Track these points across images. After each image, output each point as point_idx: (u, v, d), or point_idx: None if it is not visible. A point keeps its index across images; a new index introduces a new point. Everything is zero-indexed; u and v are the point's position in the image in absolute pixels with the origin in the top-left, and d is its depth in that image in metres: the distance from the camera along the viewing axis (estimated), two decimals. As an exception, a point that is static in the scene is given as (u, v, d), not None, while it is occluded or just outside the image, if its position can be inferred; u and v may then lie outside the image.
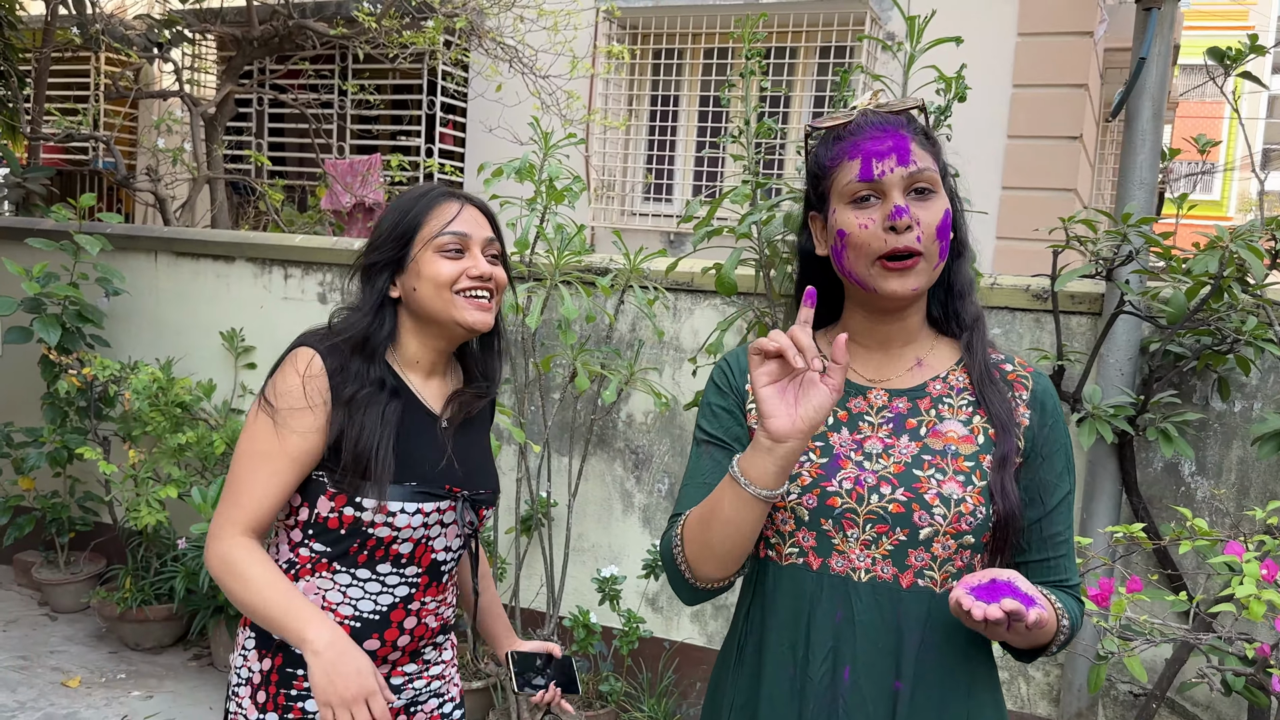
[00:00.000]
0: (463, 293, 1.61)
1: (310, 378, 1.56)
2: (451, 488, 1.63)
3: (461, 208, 1.65)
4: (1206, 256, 2.48)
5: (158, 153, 6.00)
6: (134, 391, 4.00)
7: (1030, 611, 1.14)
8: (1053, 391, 1.39)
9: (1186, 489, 2.95)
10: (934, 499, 1.29)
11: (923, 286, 1.32)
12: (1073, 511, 1.38)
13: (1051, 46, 5.86)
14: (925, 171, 1.29)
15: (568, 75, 5.36)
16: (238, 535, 1.55)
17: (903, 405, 1.37)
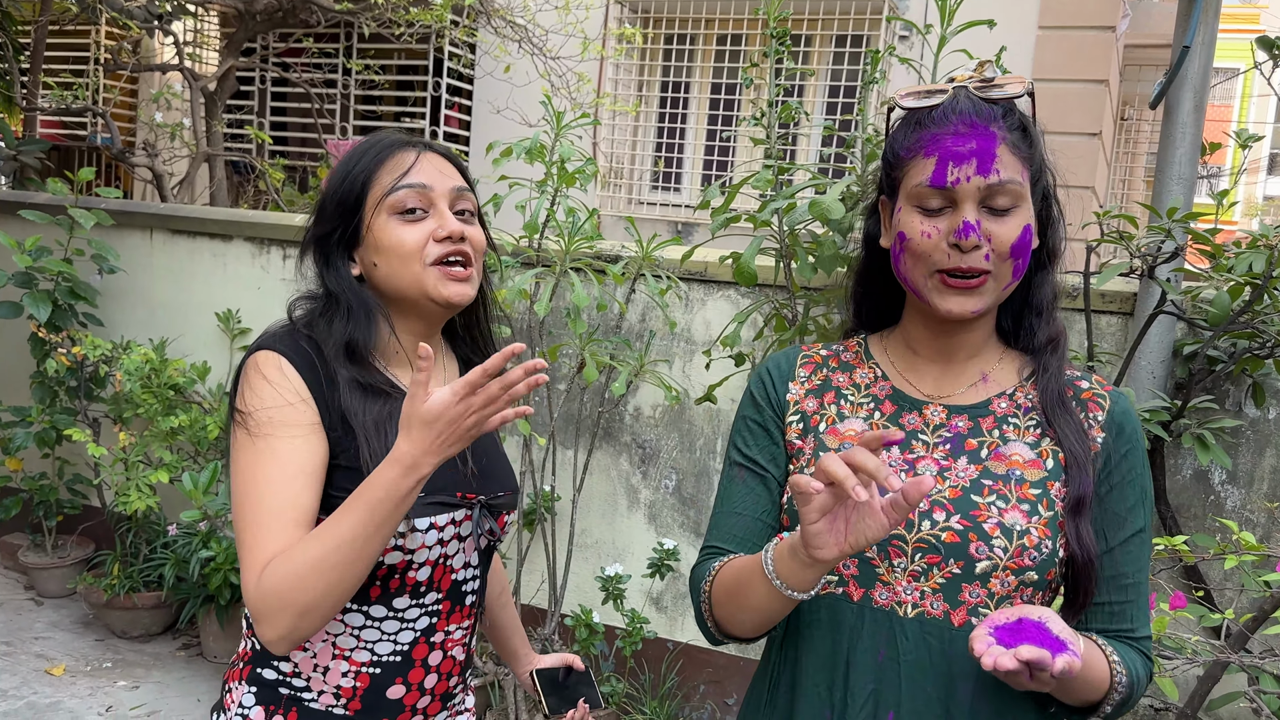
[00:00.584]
0: (436, 265, 1.33)
1: (287, 388, 1.27)
2: (465, 494, 1.38)
3: (419, 155, 1.36)
4: (1251, 255, 2.36)
5: (156, 128, 5.87)
6: (126, 372, 3.88)
7: (1058, 660, 0.99)
8: (1133, 415, 1.23)
9: (1216, 498, 2.84)
10: (994, 529, 1.15)
11: (986, 308, 1.19)
12: (1147, 554, 1.22)
13: (1072, 41, 5.74)
14: (1009, 185, 1.14)
15: (578, 57, 5.23)
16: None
17: (963, 424, 1.23)
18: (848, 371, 1.32)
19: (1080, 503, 1.17)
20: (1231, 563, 1.94)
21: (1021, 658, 0.99)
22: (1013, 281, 1.19)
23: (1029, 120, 1.21)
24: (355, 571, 1.18)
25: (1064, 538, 1.17)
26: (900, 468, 1.22)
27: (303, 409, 1.28)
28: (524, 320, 3.40)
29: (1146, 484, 1.23)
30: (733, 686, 3.50)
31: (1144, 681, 1.20)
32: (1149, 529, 1.23)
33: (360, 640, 1.33)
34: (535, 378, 1.14)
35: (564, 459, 3.60)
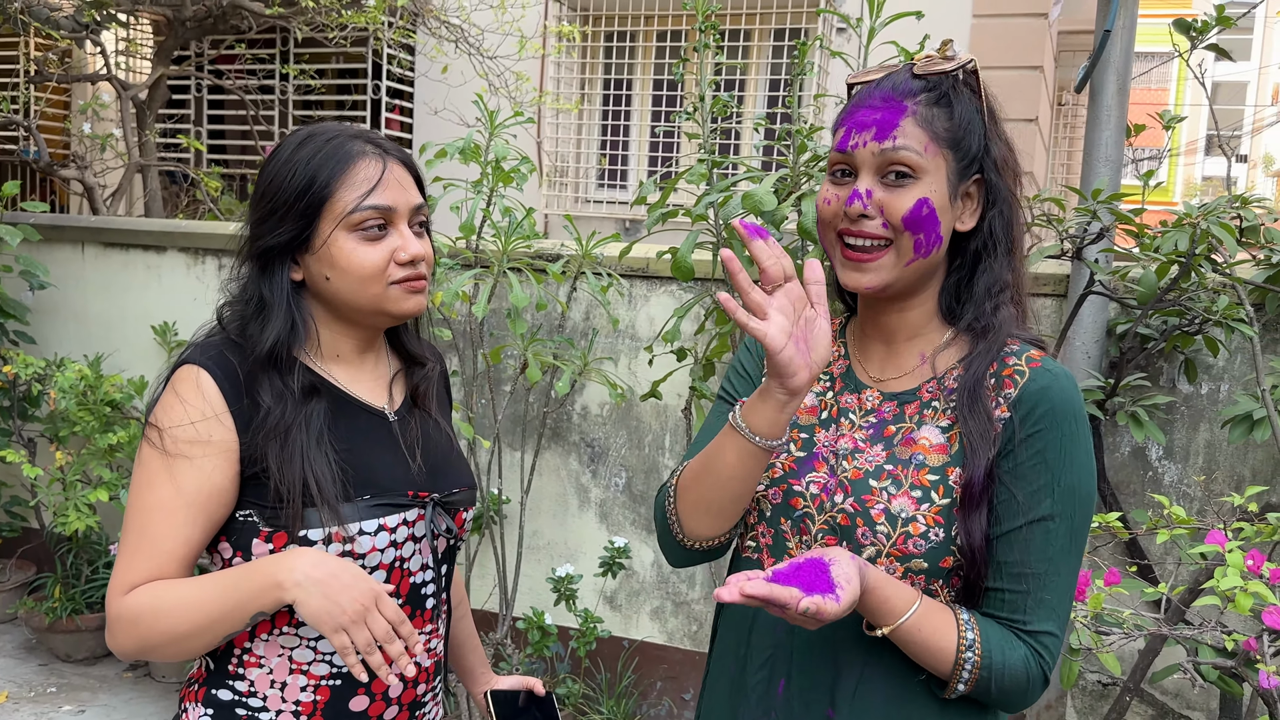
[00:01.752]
0: (395, 283, 1.30)
1: (201, 405, 1.24)
2: (416, 493, 1.34)
3: (385, 166, 1.30)
4: (1176, 234, 2.40)
5: (85, 139, 5.74)
6: (60, 390, 3.78)
7: (803, 600, 0.99)
8: (1054, 395, 1.15)
9: (1154, 474, 2.88)
10: (879, 515, 1.16)
11: (885, 283, 1.19)
12: (1056, 545, 1.14)
13: (1007, 28, 5.81)
14: (903, 152, 1.15)
15: (516, 56, 5.20)
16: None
17: (890, 410, 1.24)
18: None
19: (968, 491, 1.14)
20: (1164, 537, 1.97)
21: (746, 591, 0.99)
22: (917, 257, 1.18)
23: (965, 96, 1.20)
24: (203, 640, 1.22)
25: (959, 525, 1.15)
26: (829, 448, 1.24)
27: (214, 427, 1.25)
28: (464, 323, 3.37)
29: (1062, 470, 1.15)
30: (689, 682, 3.49)
31: (1017, 675, 1.13)
32: (1058, 518, 1.14)
33: (317, 653, 1.29)
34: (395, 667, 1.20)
35: (511, 461, 3.58)
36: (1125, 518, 2.78)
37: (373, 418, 1.37)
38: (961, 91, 1.19)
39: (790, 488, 1.22)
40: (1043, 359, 1.19)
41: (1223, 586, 1.67)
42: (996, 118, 1.23)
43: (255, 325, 1.30)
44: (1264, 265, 2.58)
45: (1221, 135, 2.93)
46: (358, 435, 1.33)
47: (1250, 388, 2.67)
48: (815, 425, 1.26)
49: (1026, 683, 1.14)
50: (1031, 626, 1.14)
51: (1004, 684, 1.13)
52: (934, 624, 1.12)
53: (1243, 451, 2.78)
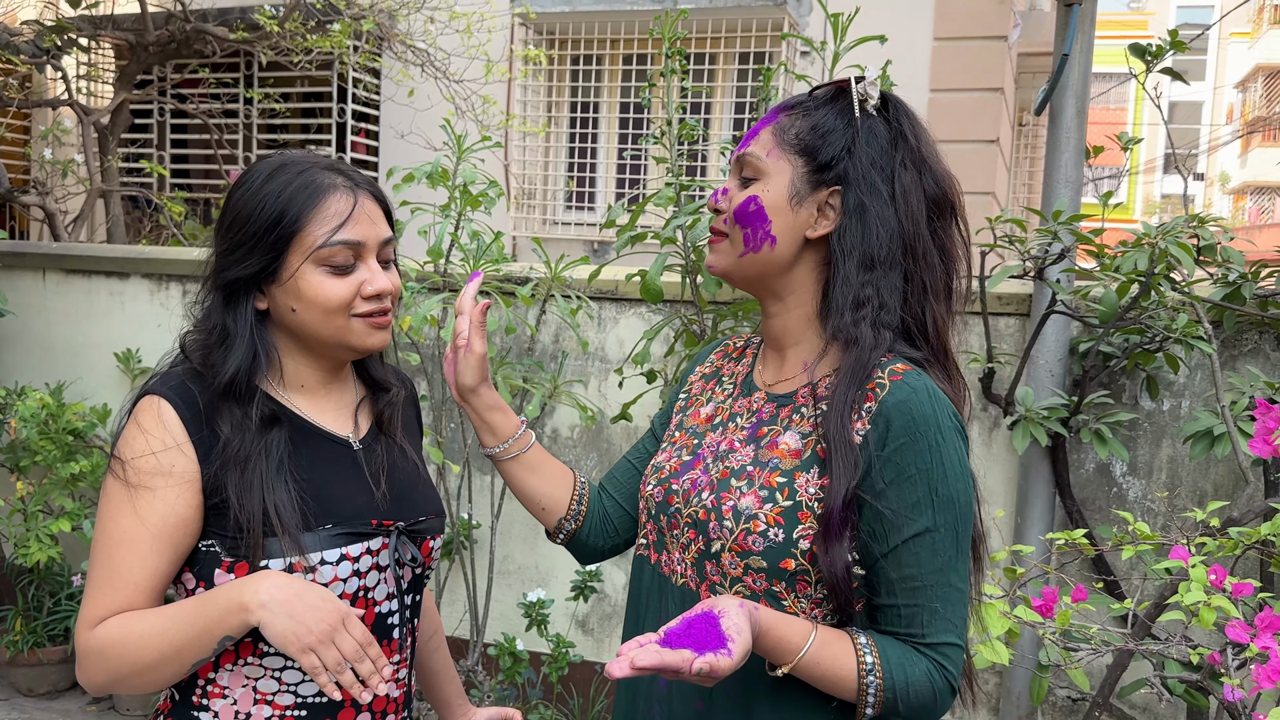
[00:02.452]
0: (359, 316, 1.30)
1: (163, 435, 1.24)
2: (380, 522, 1.33)
3: (355, 203, 1.30)
4: (1135, 253, 2.44)
5: (46, 165, 5.68)
6: (21, 419, 3.72)
7: (696, 662, 0.99)
8: (914, 406, 1.15)
9: (1119, 490, 2.92)
10: (729, 511, 1.21)
11: (724, 269, 1.29)
12: (943, 556, 1.15)
13: (967, 51, 5.91)
14: (749, 157, 1.26)
15: (483, 80, 5.21)
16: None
17: (768, 412, 1.29)
18: (739, 361, 1.42)
19: (827, 521, 1.15)
20: (1129, 553, 1.99)
21: (638, 664, 0.99)
22: (747, 250, 1.25)
23: (827, 110, 1.25)
24: (171, 669, 1.22)
25: (802, 530, 1.16)
26: (713, 448, 1.31)
27: (176, 457, 1.25)
28: (432, 347, 3.36)
29: (936, 479, 1.14)
30: (662, 705, 3.47)
31: (922, 691, 1.14)
32: (941, 529, 1.15)
33: (282, 683, 1.27)
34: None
35: (481, 485, 3.56)
36: (1091, 534, 2.81)
37: (336, 447, 1.36)
38: (831, 107, 1.25)
39: (670, 486, 1.31)
40: (905, 373, 1.18)
41: (1187, 601, 1.70)
42: (913, 145, 1.25)
43: (218, 354, 1.30)
44: (1221, 284, 2.63)
45: (1179, 155, 2.99)
46: (320, 464, 1.33)
47: (1210, 404, 2.72)
48: (707, 431, 1.34)
49: (933, 697, 1.15)
50: (930, 639, 1.15)
51: (910, 701, 1.14)
52: (832, 653, 1.13)
53: (1204, 467, 2.82)
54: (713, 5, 5.93)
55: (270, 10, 5.04)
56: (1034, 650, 2.80)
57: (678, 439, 1.38)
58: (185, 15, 5.17)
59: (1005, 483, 3.00)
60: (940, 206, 1.26)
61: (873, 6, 3.05)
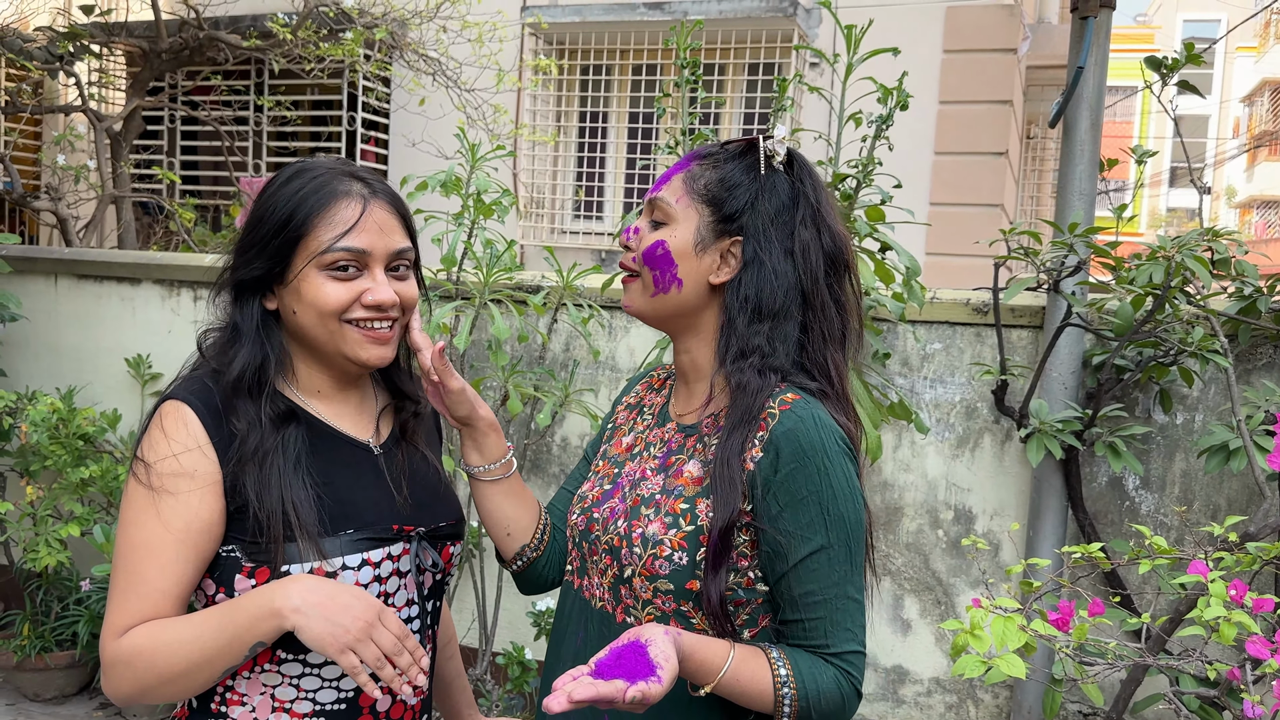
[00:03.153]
0: (355, 323, 1.28)
1: (185, 438, 1.24)
2: (402, 527, 1.33)
3: (364, 208, 1.28)
4: (1150, 267, 2.44)
5: (59, 170, 5.70)
6: (32, 424, 3.73)
7: (629, 690, 1.05)
8: (803, 433, 1.22)
9: (1131, 503, 2.91)
10: (638, 538, 1.28)
11: (638, 310, 1.35)
12: (839, 571, 1.23)
13: (976, 63, 5.92)
14: (659, 201, 1.32)
15: (493, 89, 5.22)
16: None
17: (677, 441, 1.36)
18: (659, 393, 1.48)
19: (709, 550, 1.22)
20: (1145, 567, 1.98)
21: (575, 698, 1.04)
22: (657, 291, 1.32)
23: (736, 165, 1.32)
24: (201, 677, 1.20)
25: (704, 553, 1.23)
26: (631, 477, 1.37)
27: (198, 459, 1.25)
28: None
29: (828, 501, 1.22)
30: (670, 715, 3.46)
31: (831, 697, 1.21)
32: (835, 546, 1.22)
33: (300, 690, 1.27)
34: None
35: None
36: (1106, 548, 2.80)
37: (356, 450, 1.36)
38: (740, 162, 1.33)
39: (591, 515, 1.36)
40: (795, 402, 1.25)
41: (1206, 616, 1.69)
42: (819, 212, 1.33)
43: (231, 353, 1.31)
44: (1236, 297, 2.62)
45: (1192, 169, 2.99)
46: (340, 467, 1.33)
47: (1225, 418, 2.71)
48: (626, 460, 1.41)
49: (842, 701, 1.23)
50: (835, 649, 1.23)
51: (822, 707, 1.21)
52: (750, 670, 1.20)
53: (1218, 481, 2.81)
54: (723, 16, 5.95)
55: (283, 18, 5.06)
56: (1045, 664, 2.79)
57: (600, 468, 1.45)
58: (199, 23, 5.19)
59: (1017, 495, 3.00)
60: (836, 263, 1.34)
61: (882, 18, 3.06)
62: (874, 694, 3.19)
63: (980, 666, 1.56)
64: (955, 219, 5.56)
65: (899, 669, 3.15)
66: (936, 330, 3.06)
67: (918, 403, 3.06)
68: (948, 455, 3.06)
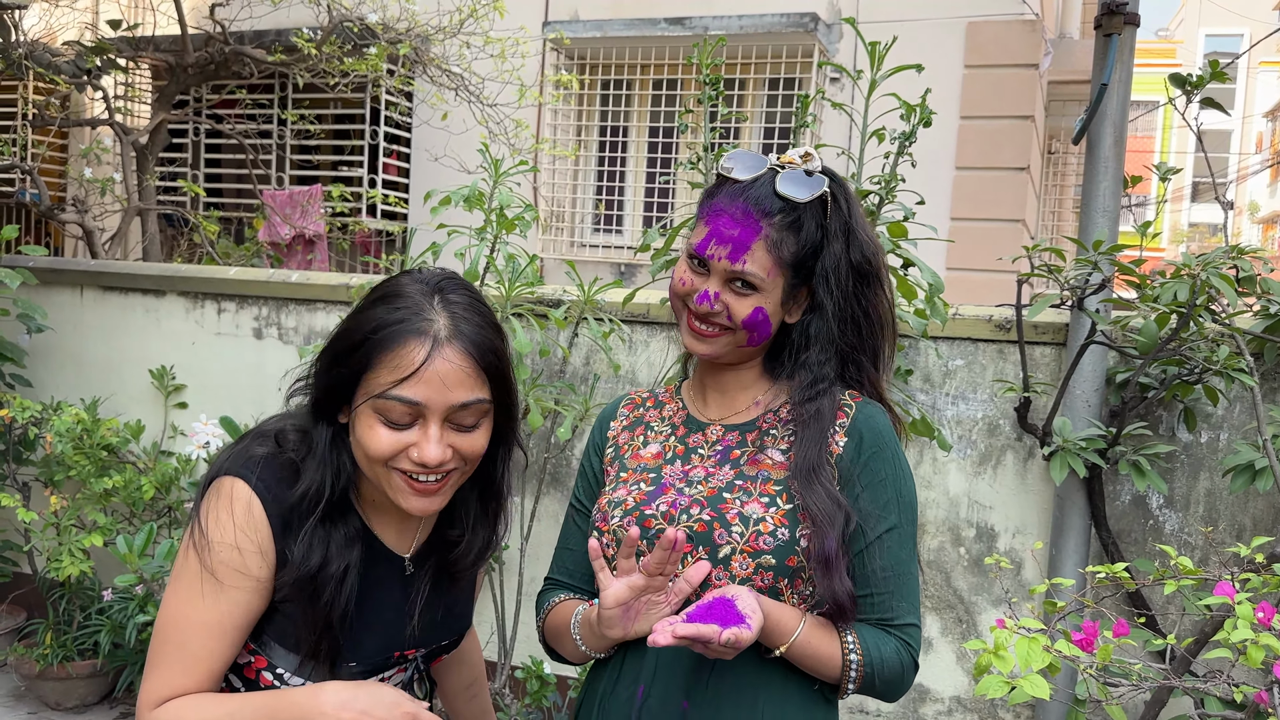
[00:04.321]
0: (402, 472, 1.24)
1: (251, 536, 1.24)
2: (403, 653, 1.36)
3: (429, 355, 1.19)
4: (1175, 284, 2.42)
5: (86, 183, 5.76)
6: (56, 434, 3.76)
7: (724, 632, 1.14)
8: (877, 422, 1.39)
9: (1155, 522, 2.89)
10: (734, 518, 1.33)
11: (719, 354, 1.40)
12: (906, 548, 1.36)
13: (997, 79, 5.91)
14: (749, 274, 1.35)
15: (515, 104, 5.25)
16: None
17: (733, 439, 1.43)
18: (660, 408, 1.55)
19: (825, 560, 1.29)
20: (1171, 588, 1.97)
21: (679, 634, 1.14)
22: (750, 345, 1.40)
23: (810, 223, 1.37)
24: None
25: (803, 530, 1.31)
26: (678, 477, 1.41)
27: (256, 563, 1.25)
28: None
29: (900, 484, 1.37)
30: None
31: (893, 666, 1.32)
32: (904, 525, 1.36)
33: None
34: None
35: (511, 506, 3.55)
36: (1130, 568, 2.77)
37: (390, 565, 1.36)
38: (810, 217, 1.37)
39: (643, 513, 1.38)
40: (858, 398, 1.42)
41: (1233, 639, 1.67)
42: (842, 228, 1.40)
43: (304, 462, 1.29)
44: (1262, 315, 2.60)
45: (1216, 185, 2.97)
46: (372, 584, 1.33)
47: (1250, 436, 2.69)
48: (662, 464, 1.45)
49: (901, 671, 1.33)
50: (898, 621, 1.34)
51: (885, 675, 1.31)
52: (820, 635, 1.30)
53: (1243, 500, 2.79)
54: (743, 31, 5.97)
55: (308, 33, 5.11)
56: (1068, 684, 2.76)
57: (627, 477, 1.47)
58: (224, 37, 5.25)
59: (1040, 514, 2.98)
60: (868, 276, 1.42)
61: (903, 34, 3.06)
62: (894, 713, 3.17)
63: (1004, 687, 1.55)
64: (976, 234, 5.54)
65: (920, 687, 3.13)
66: (959, 346, 3.05)
67: (939, 419, 3.05)
68: (970, 473, 3.04)
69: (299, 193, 5.92)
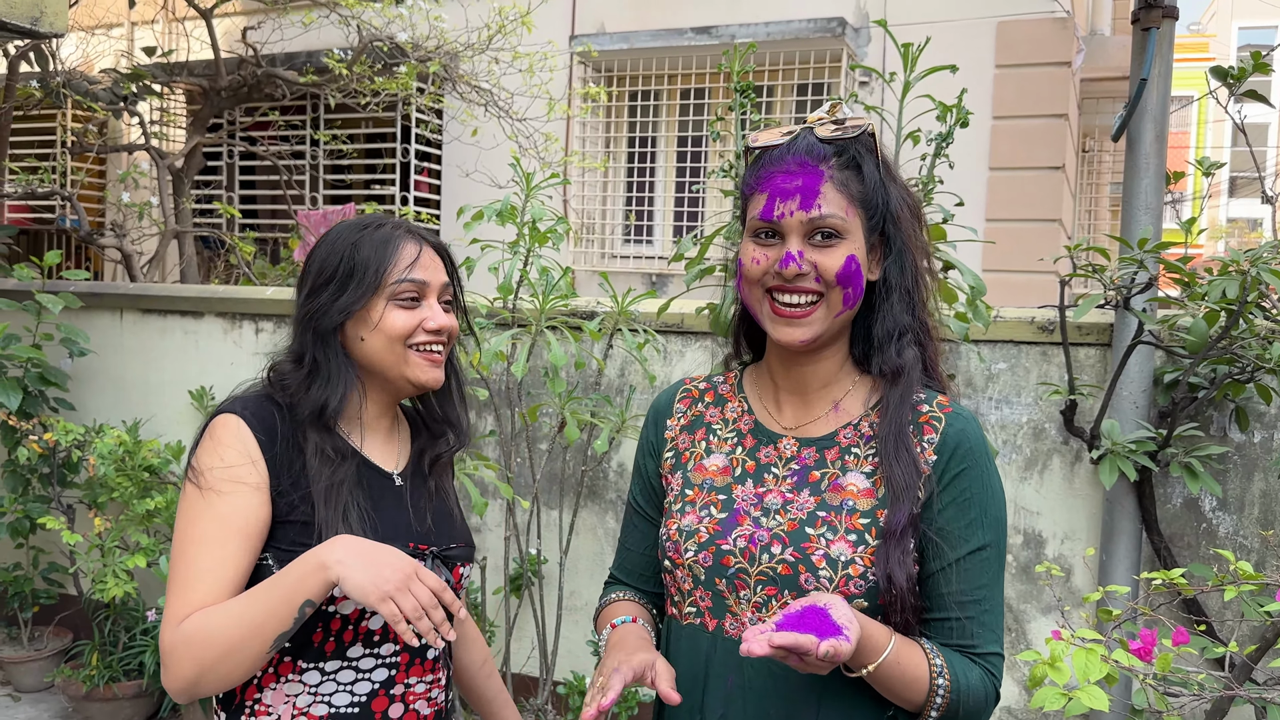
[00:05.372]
0: (416, 347, 1.46)
1: (237, 449, 1.36)
2: (417, 545, 1.45)
3: (421, 249, 1.48)
4: (1223, 281, 2.36)
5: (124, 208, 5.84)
6: (99, 456, 3.80)
7: (822, 644, 1.04)
8: (971, 435, 1.28)
9: (1208, 525, 2.82)
10: (820, 560, 1.23)
11: (817, 335, 1.27)
12: (991, 572, 1.26)
13: (1029, 78, 5.84)
14: (829, 218, 1.24)
15: (544, 118, 5.26)
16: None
17: (810, 456, 1.31)
18: (720, 405, 1.42)
19: (890, 533, 1.21)
20: (1231, 593, 1.91)
21: (775, 643, 1.04)
22: (844, 309, 1.27)
23: (869, 159, 1.28)
24: (255, 645, 1.26)
25: (877, 572, 1.21)
26: (751, 502, 1.30)
27: (249, 470, 1.35)
28: (501, 382, 3.37)
29: (989, 503, 1.26)
30: (733, 745, 3.41)
31: (978, 694, 1.22)
32: (994, 547, 1.26)
33: (317, 695, 1.38)
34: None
35: (549, 520, 3.55)
36: (1186, 573, 2.70)
37: (381, 479, 1.49)
38: (865, 154, 1.28)
39: (719, 548, 1.28)
40: (950, 403, 1.30)
41: (1300, 645, 1.61)
42: (891, 169, 1.32)
43: (309, 385, 1.44)
44: (1314, 310, 2.53)
45: (1262, 179, 2.91)
46: (364, 491, 1.45)
47: (1306, 435, 2.62)
48: (731, 483, 1.33)
49: (985, 701, 1.24)
50: (981, 649, 1.24)
51: (969, 705, 1.21)
52: (908, 656, 1.20)
53: (1300, 501, 2.71)
54: (770, 38, 5.95)
55: (338, 54, 5.15)
56: (1123, 694, 2.70)
57: (694, 496, 1.35)
58: (256, 60, 5.31)
59: (1089, 519, 2.91)
60: (920, 220, 1.34)
61: (933, 36, 3.02)
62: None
63: (1060, 699, 1.51)
64: (1012, 235, 5.47)
65: (968, 698, 3.07)
66: (1001, 350, 2.99)
67: (984, 424, 3.00)
68: (1015, 478, 2.98)
69: (333, 212, 5.96)
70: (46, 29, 3.01)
